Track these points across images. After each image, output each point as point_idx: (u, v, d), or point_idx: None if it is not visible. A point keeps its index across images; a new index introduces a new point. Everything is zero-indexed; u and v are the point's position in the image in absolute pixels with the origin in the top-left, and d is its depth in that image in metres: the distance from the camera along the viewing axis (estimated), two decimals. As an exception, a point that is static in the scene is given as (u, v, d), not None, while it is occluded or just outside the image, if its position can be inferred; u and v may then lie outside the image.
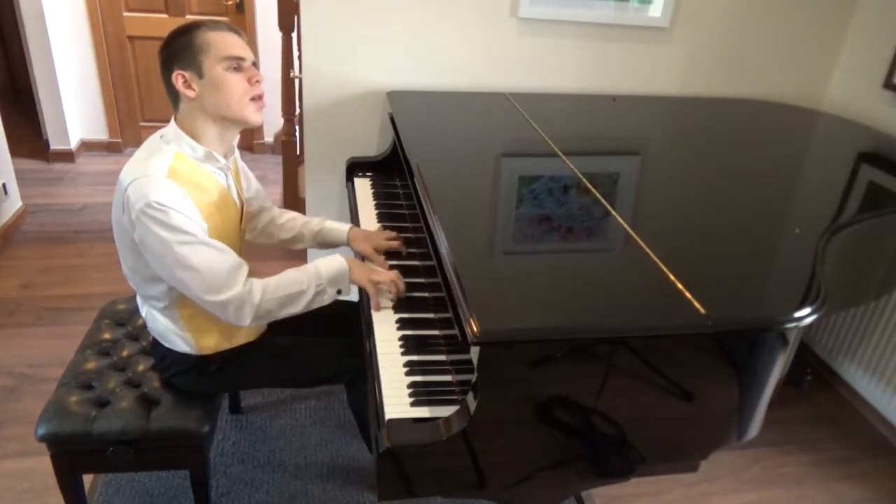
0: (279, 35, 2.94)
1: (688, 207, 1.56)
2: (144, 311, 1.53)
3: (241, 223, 1.55)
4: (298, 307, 1.41)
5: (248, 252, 1.54)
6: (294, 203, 3.12)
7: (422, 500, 1.76)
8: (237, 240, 1.51)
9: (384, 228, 1.76)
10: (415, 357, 1.29)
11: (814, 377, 2.54)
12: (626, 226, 1.35)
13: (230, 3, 3.90)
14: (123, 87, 4.05)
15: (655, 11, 2.28)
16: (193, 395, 1.52)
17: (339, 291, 1.46)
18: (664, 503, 1.97)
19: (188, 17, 3.88)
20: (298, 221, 1.73)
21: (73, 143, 4.00)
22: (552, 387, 1.04)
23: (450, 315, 1.20)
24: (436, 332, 1.37)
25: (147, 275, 1.39)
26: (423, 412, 1.14)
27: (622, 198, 1.52)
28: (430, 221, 1.34)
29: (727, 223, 1.50)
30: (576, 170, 1.62)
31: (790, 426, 2.31)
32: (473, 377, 1.03)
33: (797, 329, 1.11)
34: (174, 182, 1.29)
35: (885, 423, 2.32)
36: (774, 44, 2.43)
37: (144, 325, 1.60)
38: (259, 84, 1.38)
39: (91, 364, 1.60)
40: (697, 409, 1.14)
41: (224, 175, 1.45)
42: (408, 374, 1.24)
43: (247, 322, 1.36)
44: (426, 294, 1.48)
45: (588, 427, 1.10)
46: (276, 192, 3.66)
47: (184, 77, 1.32)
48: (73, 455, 1.46)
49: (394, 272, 1.46)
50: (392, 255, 1.63)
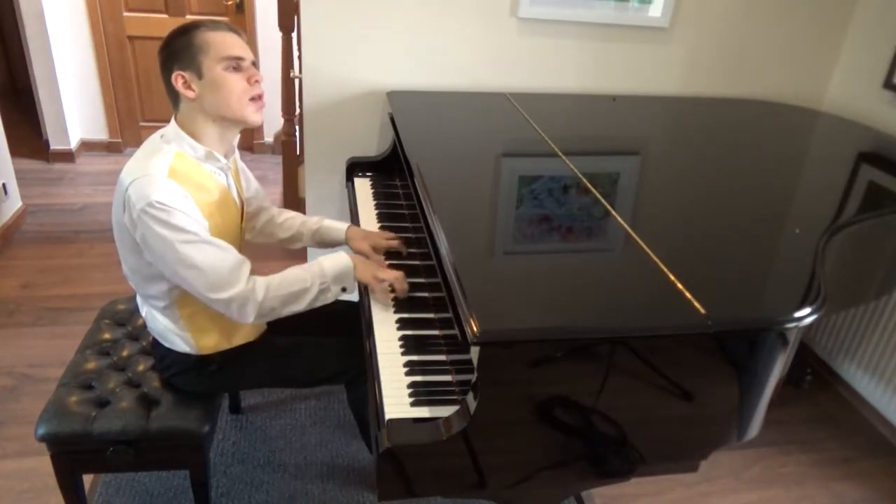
0: (279, 35, 2.94)
1: (688, 207, 1.56)
2: (144, 311, 1.53)
3: (242, 222, 1.55)
4: (302, 305, 1.41)
5: (248, 252, 1.54)
6: (294, 203, 3.12)
7: (422, 500, 1.76)
8: (237, 239, 1.51)
9: (384, 229, 1.76)
10: (415, 357, 1.29)
11: (814, 377, 2.54)
12: (626, 226, 1.35)
13: (230, 3, 3.90)
14: (123, 87, 4.05)
15: (655, 11, 2.28)
16: (193, 395, 1.52)
17: (344, 289, 1.46)
18: (664, 503, 1.97)
19: (188, 17, 3.88)
20: (297, 220, 1.73)
21: (73, 143, 4.00)
22: (552, 387, 1.04)
23: (450, 315, 1.20)
24: (436, 332, 1.37)
25: (147, 274, 1.39)
26: (423, 412, 1.14)
27: (622, 198, 1.52)
28: (430, 221, 1.34)
29: (727, 223, 1.50)
30: (576, 170, 1.62)
31: (790, 426, 2.31)
32: (473, 377, 1.03)
33: (797, 329, 1.11)
34: (175, 181, 1.29)
35: (885, 423, 2.32)
36: (774, 44, 2.43)
37: (144, 325, 1.60)
38: (258, 84, 1.38)
39: (91, 364, 1.60)
40: (697, 409, 1.14)
41: (224, 175, 1.45)
42: (408, 374, 1.24)
43: (251, 319, 1.37)
44: (426, 294, 1.48)
45: (588, 427, 1.10)
46: (276, 192, 3.66)
47: (183, 78, 1.32)
48: (73, 455, 1.46)
49: (398, 271, 1.46)
50: (392, 255, 1.63)
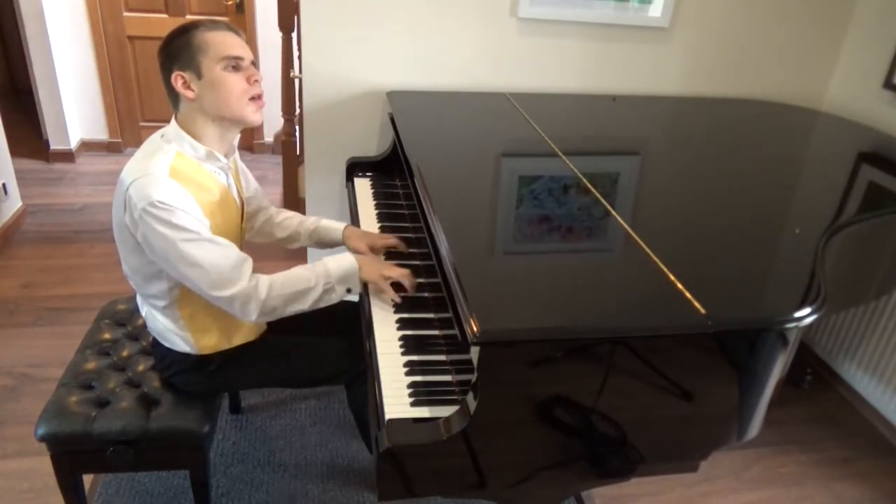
0: (279, 35, 2.94)
1: (688, 207, 1.56)
2: (144, 311, 1.53)
3: (242, 222, 1.55)
4: (305, 304, 1.41)
5: (248, 251, 1.53)
6: (294, 203, 3.12)
7: (422, 500, 1.76)
8: (238, 238, 1.51)
9: (384, 229, 1.76)
10: (415, 357, 1.29)
11: (814, 377, 2.54)
12: (626, 226, 1.35)
13: (230, 3, 3.90)
14: (123, 87, 4.05)
15: (655, 11, 2.28)
16: (193, 395, 1.52)
17: (349, 290, 1.45)
18: (664, 503, 1.97)
19: (188, 17, 3.88)
20: (295, 220, 1.73)
21: (73, 143, 4.00)
22: (552, 387, 1.04)
23: (450, 315, 1.20)
24: (436, 332, 1.37)
25: (147, 274, 1.39)
26: (423, 412, 1.14)
27: (622, 198, 1.52)
28: (430, 221, 1.34)
29: (727, 223, 1.50)
30: (576, 170, 1.62)
31: (790, 426, 2.31)
32: (473, 377, 1.03)
33: (797, 329, 1.11)
34: (176, 181, 1.29)
35: (885, 423, 2.32)
36: (774, 44, 2.43)
37: (144, 325, 1.60)
38: (258, 83, 1.38)
39: (91, 364, 1.60)
40: (697, 409, 1.14)
41: (225, 174, 1.45)
42: (408, 374, 1.24)
43: (254, 317, 1.37)
44: (426, 294, 1.48)
45: (588, 427, 1.10)
46: (276, 192, 3.66)
47: (183, 78, 1.32)
48: (73, 455, 1.46)
49: (405, 269, 1.45)
50: (392, 255, 1.63)
